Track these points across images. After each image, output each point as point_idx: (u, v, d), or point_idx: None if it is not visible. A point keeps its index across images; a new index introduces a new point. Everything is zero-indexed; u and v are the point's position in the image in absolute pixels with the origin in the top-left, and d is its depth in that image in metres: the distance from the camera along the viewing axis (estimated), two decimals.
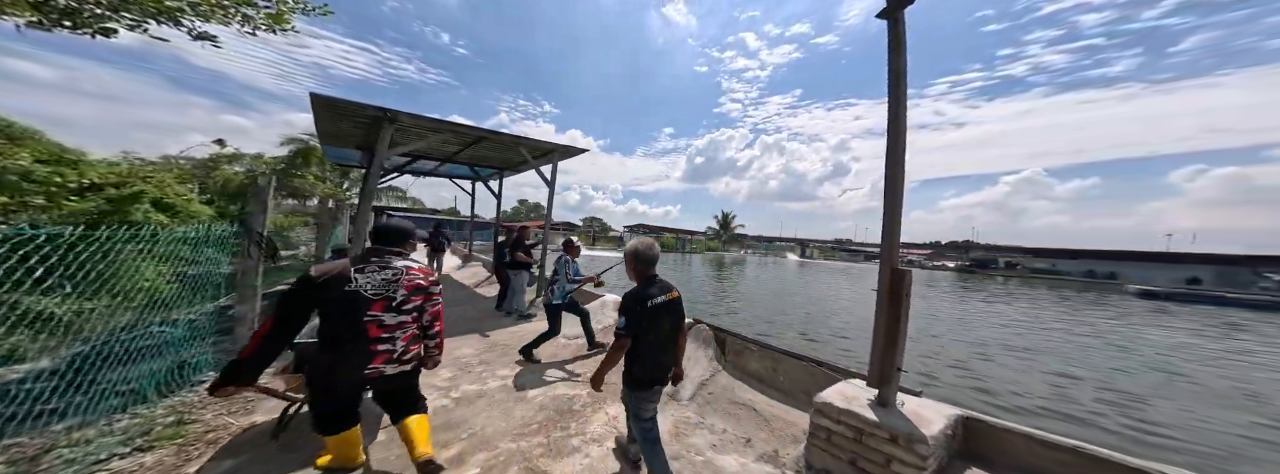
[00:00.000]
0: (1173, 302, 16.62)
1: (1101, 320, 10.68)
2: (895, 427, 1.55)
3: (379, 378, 1.41)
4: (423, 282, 1.51)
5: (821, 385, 2.31)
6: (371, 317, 1.37)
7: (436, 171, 9.00)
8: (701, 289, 13.57)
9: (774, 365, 2.67)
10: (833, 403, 1.74)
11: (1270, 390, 5.19)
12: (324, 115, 4.56)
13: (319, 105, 4.11)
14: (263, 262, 3.07)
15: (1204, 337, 8.78)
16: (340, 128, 5.18)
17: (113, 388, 1.97)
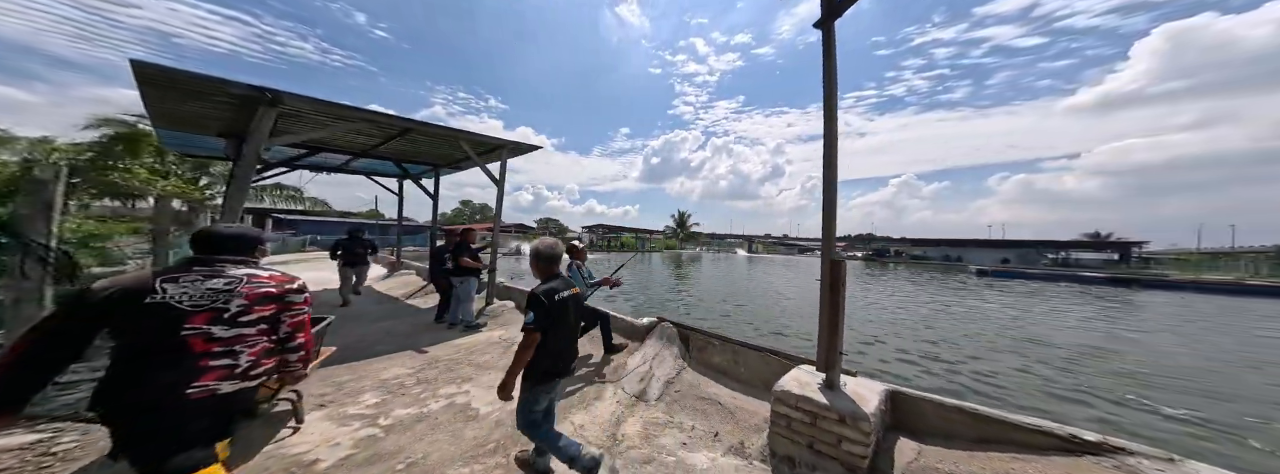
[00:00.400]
0: (994, 277, 22.04)
1: (950, 293, 13.68)
2: (842, 408, 1.68)
3: (211, 397, 1.15)
4: (273, 289, 1.35)
5: (778, 373, 2.40)
6: (193, 329, 1.17)
7: (348, 167, 7.52)
8: (663, 286, 13.79)
9: (734, 358, 2.76)
10: (790, 390, 1.83)
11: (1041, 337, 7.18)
12: (158, 92, 3.42)
13: (147, 78, 3.06)
14: (52, 283, 2.24)
15: (1010, 303, 11.71)
16: (189, 109, 3.98)
17: None
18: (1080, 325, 8.47)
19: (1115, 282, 19.59)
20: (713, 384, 2.66)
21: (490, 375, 2.95)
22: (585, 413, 2.37)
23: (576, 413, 2.36)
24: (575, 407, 2.44)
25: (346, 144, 5.91)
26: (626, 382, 2.76)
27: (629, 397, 2.56)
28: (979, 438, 1.76)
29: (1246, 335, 7.78)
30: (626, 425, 2.22)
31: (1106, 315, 9.88)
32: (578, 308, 1.74)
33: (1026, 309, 10.49)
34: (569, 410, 2.39)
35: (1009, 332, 7.51)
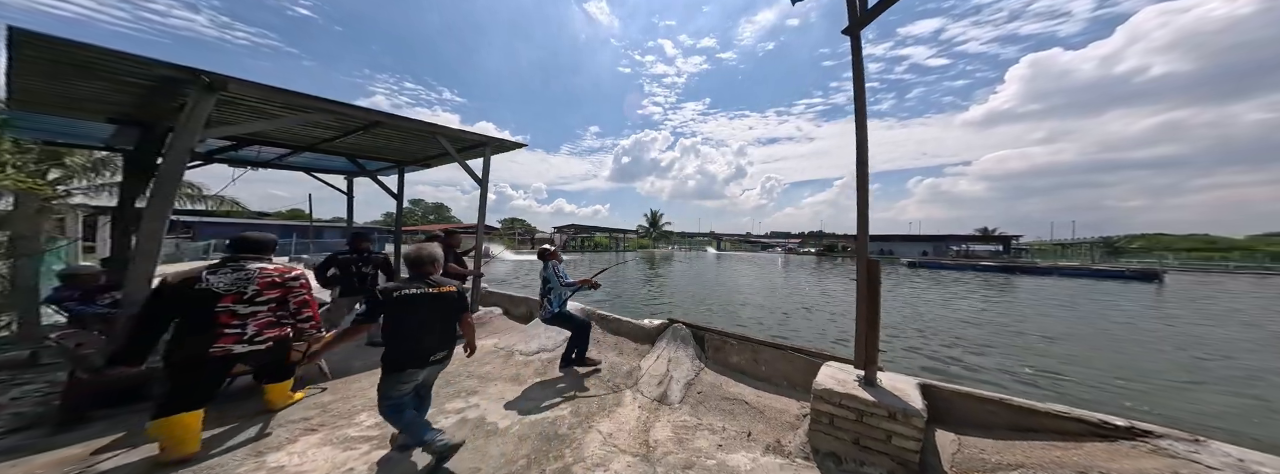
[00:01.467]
0: (921, 268, 25.97)
1: (897, 284, 15.70)
2: (891, 404, 1.70)
3: (226, 356, 1.86)
4: (276, 278, 2.03)
5: (803, 370, 2.55)
6: (223, 307, 1.85)
7: (284, 162, 6.42)
8: (638, 285, 13.91)
9: (754, 357, 2.83)
10: (831, 388, 1.85)
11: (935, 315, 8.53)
12: (41, 67, 2.64)
13: (27, 47, 2.32)
14: None
15: (944, 291, 13.86)
16: (73, 88, 3.12)
17: None
18: (998, 309, 10.03)
19: (1006, 269, 24.04)
20: (734, 383, 2.73)
21: (496, 386, 2.79)
22: (610, 420, 2.34)
23: (601, 421, 2.32)
24: (597, 415, 2.40)
25: (290, 137, 5.07)
26: (644, 386, 2.77)
27: (650, 401, 2.58)
28: (1013, 427, 1.80)
29: (1103, 311, 9.91)
30: (656, 430, 2.23)
31: (1010, 299, 11.92)
32: (440, 304, 1.87)
33: (958, 295, 12.25)
34: (592, 419, 2.34)
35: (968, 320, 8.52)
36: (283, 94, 3.18)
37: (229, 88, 2.78)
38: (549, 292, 3.04)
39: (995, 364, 5.45)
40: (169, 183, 2.63)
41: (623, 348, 3.55)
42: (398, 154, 6.15)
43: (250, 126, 3.28)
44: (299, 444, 2.02)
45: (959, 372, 5.18)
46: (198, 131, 2.70)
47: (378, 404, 1.81)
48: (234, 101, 3.41)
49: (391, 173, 7.20)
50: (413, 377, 1.80)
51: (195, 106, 2.64)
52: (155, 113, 3.63)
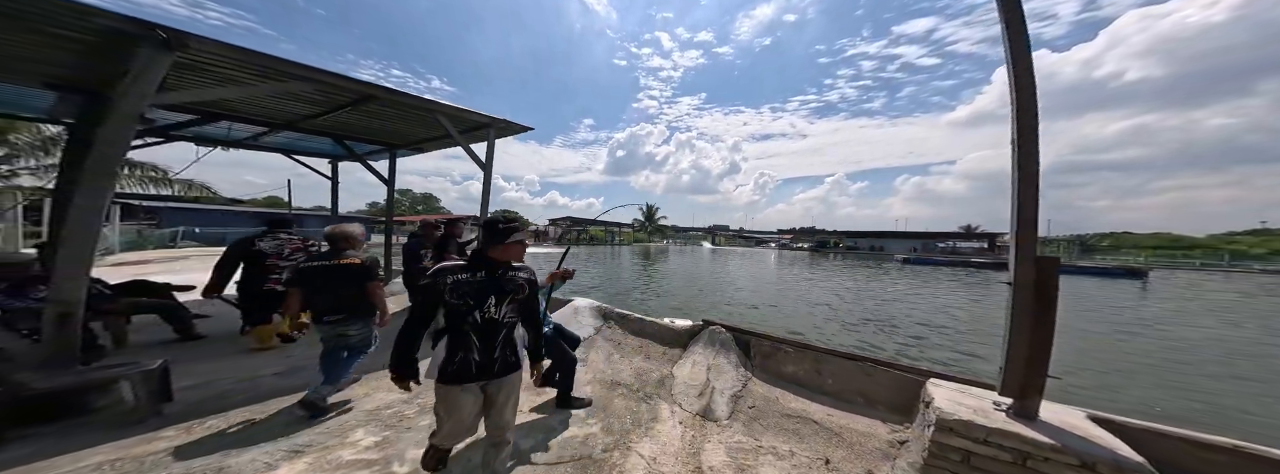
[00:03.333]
0: (915, 264, 26.40)
1: (903, 282, 15.60)
2: (1085, 450, 1.27)
3: (273, 293, 3.00)
4: (300, 245, 3.27)
5: (889, 387, 2.20)
6: (270, 263, 3.06)
7: (259, 142, 5.78)
8: (633, 281, 13.38)
9: (816, 367, 2.51)
10: (970, 420, 1.47)
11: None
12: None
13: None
14: None
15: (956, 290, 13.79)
16: (7, 43, 2.57)
17: None
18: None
19: (998, 266, 24.49)
20: (794, 398, 2.41)
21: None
22: (650, 440, 2.02)
23: (640, 441, 2.00)
24: (634, 433, 2.08)
25: (264, 111, 4.50)
26: (681, 397, 2.46)
27: (691, 416, 2.27)
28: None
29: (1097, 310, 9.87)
30: (708, 454, 1.92)
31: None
32: (337, 274, 2.17)
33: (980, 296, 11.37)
34: (629, 438, 2.02)
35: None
36: (258, 57, 2.69)
37: (190, 47, 2.29)
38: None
39: (1083, 373, 4.60)
40: (109, 156, 2.14)
41: (649, 352, 3.23)
42: (390, 136, 5.63)
43: (213, 94, 2.78)
44: (280, 471, 1.64)
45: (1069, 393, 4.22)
46: (148, 96, 2.21)
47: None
48: (197, 66, 2.89)
49: (381, 157, 6.64)
50: (328, 327, 2.20)
51: (147, 66, 2.15)
52: (101, 78, 3.08)
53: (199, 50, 2.39)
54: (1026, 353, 1.53)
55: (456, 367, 1.35)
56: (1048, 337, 1.49)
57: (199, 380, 2.52)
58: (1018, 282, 1.54)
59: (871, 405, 2.31)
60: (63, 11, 2.10)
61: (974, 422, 1.49)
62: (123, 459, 1.67)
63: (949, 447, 1.51)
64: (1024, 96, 1.56)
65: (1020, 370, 1.55)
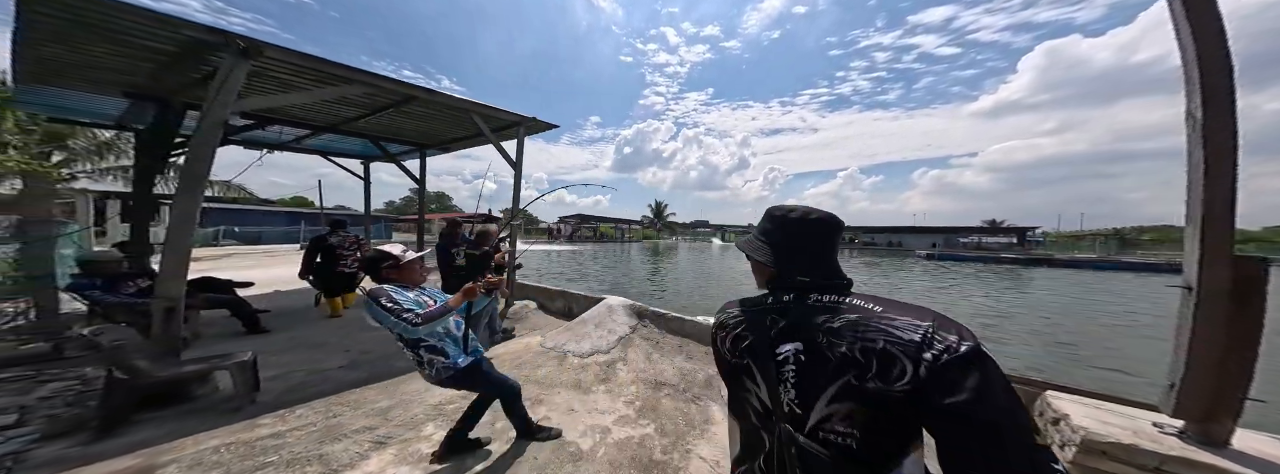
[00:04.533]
0: (938, 260, 25.22)
1: (928, 277, 15.11)
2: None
3: (342, 273, 4.33)
4: (354, 240, 4.55)
5: None
6: (340, 252, 4.29)
7: (302, 144, 6.06)
8: (643, 279, 13.39)
9: None
10: (1133, 444, 1.27)
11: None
12: (54, 28, 2.30)
13: (48, 7, 2.02)
14: None
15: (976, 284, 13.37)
16: (87, 55, 2.76)
17: None
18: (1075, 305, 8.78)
19: (1031, 262, 23.14)
20: None
21: (561, 395, 2.53)
22: (708, 443, 2.03)
23: (697, 443, 2.02)
24: (689, 434, 2.11)
25: (313, 115, 4.72)
26: None
27: None
28: None
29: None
30: None
31: (1078, 295, 10.76)
32: (482, 262, 2.73)
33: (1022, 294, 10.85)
34: (686, 440, 2.05)
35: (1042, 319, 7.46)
36: (318, 62, 2.82)
37: (264, 54, 2.41)
38: (423, 341, 1.52)
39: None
40: (201, 162, 2.30)
41: (690, 351, 3.26)
42: (421, 136, 5.81)
43: (276, 101, 2.92)
44: (372, 462, 1.77)
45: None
46: (230, 104, 2.35)
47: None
48: (264, 73, 3.05)
49: (412, 157, 6.86)
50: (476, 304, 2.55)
51: (229, 75, 2.29)
52: (173, 86, 3.28)
53: (269, 58, 2.53)
54: (1217, 370, 1.32)
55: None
56: (1249, 352, 1.26)
57: (277, 372, 2.71)
58: (1206, 288, 1.30)
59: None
60: (152, 24, 2.25)
61: (1138, 446, 1.29)
62: (234, 443, 1.84)
63: (1100, 472, 1.33)
64: (1208, 49, 1.28)
65: (1205, 390, 1.32)
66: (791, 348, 0.60)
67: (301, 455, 1.77)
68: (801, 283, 0.65)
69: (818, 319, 0.59)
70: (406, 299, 1.47)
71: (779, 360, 0.61)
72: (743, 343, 0.67)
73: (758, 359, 0.63)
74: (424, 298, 1.57)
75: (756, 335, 0.65)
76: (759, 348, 0.63)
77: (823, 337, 0.57)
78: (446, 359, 1.54)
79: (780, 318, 0.63)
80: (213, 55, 2.50)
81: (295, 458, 1.75)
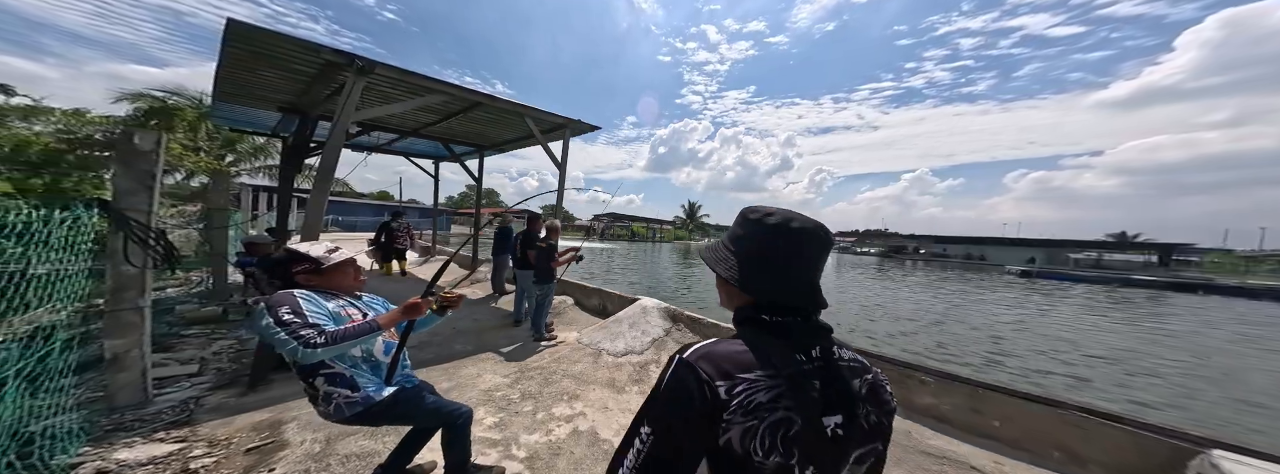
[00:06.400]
0: (1038, 279, 20.93)
1: (1036, 306, 12.35)
2: None
3: (396, 248, 6.77)
4: (408, 225, 7.14)
5: (1116, 448, 1.63)
6: (397, 233, 6.74)
7: (391, 147, 7.11)
8: (671, 280, 13.34)
9: (973, 405, 2.02)
10: None
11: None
12: (242, 56, 3.00)
13: (240, 39, 2.66)
14: (154, 269, 2.02)
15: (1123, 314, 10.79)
16: (260, 78, 3.54)
17: None
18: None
19: (1177, 286, 18.50)
20: (934, 435, 2.06)
21: (595, 392, 2.58)
22: None
23: None
24: None
25: (400, 122, 5.47)
26: None
27: None
28: None
29: None
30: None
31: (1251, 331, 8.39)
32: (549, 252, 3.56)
33: (1175, 327, 8.67)
34: None
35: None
36: (410, 76, 3.25)
37: (376, 71, 2.85)
38: (323, 367, 1.20)
39: None
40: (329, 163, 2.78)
41: None
42: (482, 138, 6.42)
43: (377, 111, 3.43)
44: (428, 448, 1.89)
45: None
46: (351, 115, 2.81)
47: None
48: (371, 87, 3.60)
49: (472, 157, 7.63)
50: (540, 288, 3.69)
51: (351, 90, 2.74)
52: (311, 101, 4.01)
53: (379, 74, 2.97)
54: None
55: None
56: None
57: None
58: None
59: (1079, 465, 1.77)
60: (302, 51, 2.80)
61: None
62: None
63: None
64: None
65: None
66: (834, 422, 0.48)
67: (384, 427, 2.01)
68: (818, 325, 0.53)
69: (855, 384, 0.51)
70: (320, 311, 1.14)
71: (830, 443, 0.47)
72: (787, 430, 0.44)
73: (812, 455, 0.46)
74: (352, 310, 1.24)
75: (805, 417, 0.46)
76: (811, 437, 0.46)
77: (862, 406, 0.50)
78: (352, 393, 1.18)
79: (819, 383, 0.48)
80: (340, 73, 3.00)
81: (378, 428, 1.99)
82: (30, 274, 1.45)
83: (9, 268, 1.41)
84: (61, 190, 3.85)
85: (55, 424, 1.59)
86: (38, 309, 1.49)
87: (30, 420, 1.47)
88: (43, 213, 1.48)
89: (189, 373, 2.63)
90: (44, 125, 6.94)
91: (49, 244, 1.53)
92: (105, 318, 1.96)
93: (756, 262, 0.54)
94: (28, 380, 1.46)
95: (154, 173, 1.94)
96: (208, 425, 2.01)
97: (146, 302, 2.03)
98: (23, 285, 1.40)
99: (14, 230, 1.41)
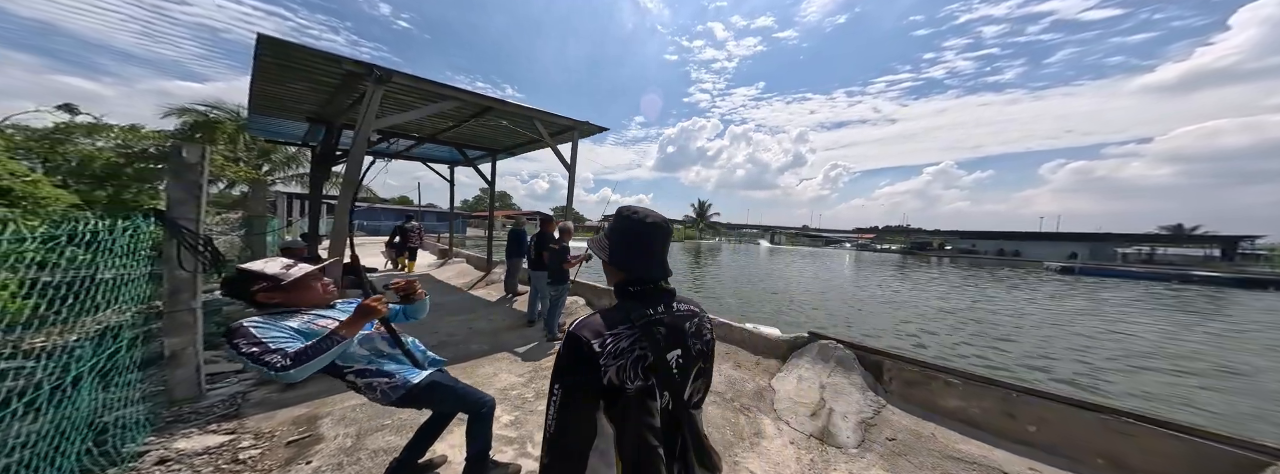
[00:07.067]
0: (1081, 276, 19.27)
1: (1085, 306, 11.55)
2: None
3: (410, 248, 8.18)
4: (419, 226, 8.87)
5: (1165, 457, 1.52)
6: (410, 235, 8.25)
7: (409, 153, 7.40)
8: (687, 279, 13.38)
9: (1006, 408, 1.93)
10: None
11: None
12: (271, 69, 3.22)
13: (269, 52, 2.86)
14: (204, 273, 2.18)
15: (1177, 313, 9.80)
16: (289, 90, 3.77)
17: None
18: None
19: (1242, 282, 16.72)
20: (963, 439, 1.96)
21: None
22: (758, 457, 1.95)
23: (746, 456, 1.95)
24: (737, 446, 2.02)
25: (417, 128, 5.68)
26: (787, 413, 2.31)
27: (804, 437, 2.11)
28: None
29: None
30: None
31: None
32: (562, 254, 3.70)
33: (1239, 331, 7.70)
34: (734, 451, 1.98)
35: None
36: (427, 84, 3.38)
37: (393, 79, 2.98)
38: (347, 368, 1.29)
39: None
40: (354, 170, 2.95)
41: (738, 360, 3.11)
42: (494, 142, 6.59)
43: (395, 119, 3.58)
44: (442, 442, 1.83)
45: None
46: (371, 123, 2.96)
47: None
48: (388, 96, 3.76)
49: (485, 161, 7.86)
50: (553, 289, 3.77)
51: (371, 98, 2.89)
52: (335, 111, 4.24)
53: (395, 82, 3.12)
54: None
55: None
56: None
57: None
58: None
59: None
60: (325, 62, 2.97)
61: None
62: (365, 404, 2.30)
63: None
64: None
65: None
66: (675, 354, 0.73)
67: (407, 423, 2.13)
68: (664, 288, 0.76)
69: (686, 326, 0.76)
70: (277, 334, 1.11)
71: (671, 368, 0.71)
72: (644, 363, 0.68)
73: (661, 374, 0.69)
74: (324, 322, 1.23)
75: (655, 352, 0.69)
76: (661, 365, 0.69)
77: (690, 340, 0.76)
78: (391, 379, 1.28)
79: (662, 328, 0.72)
80: (360, 83, 3.16)
81: (402, 424, 2.12)
82: (98, 279, 1.61)
83: (80, 273, 1.58)
84: (123, 201, 4.21)
85: (125, 415, 1.76)
86: (107, 310, 1.65)
87: (104, 412, 1.64)
88: (107, 222, 1.64)
89: (236, 369, 2.85)
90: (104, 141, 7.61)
91: (113, 251, 1.69)
92: (164, 318, 2.15)
93: (623, 247, 0.75)
94: (100, 375, 1.62)
95: (201, 183, 2.11)
96: (253, 419, 2.18)
97: (198, 303, 2.21)
98: (93, 289, 1.56)
99: (83, 239, 1.57)
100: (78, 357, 1.46)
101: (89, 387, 1.52)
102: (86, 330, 1.63)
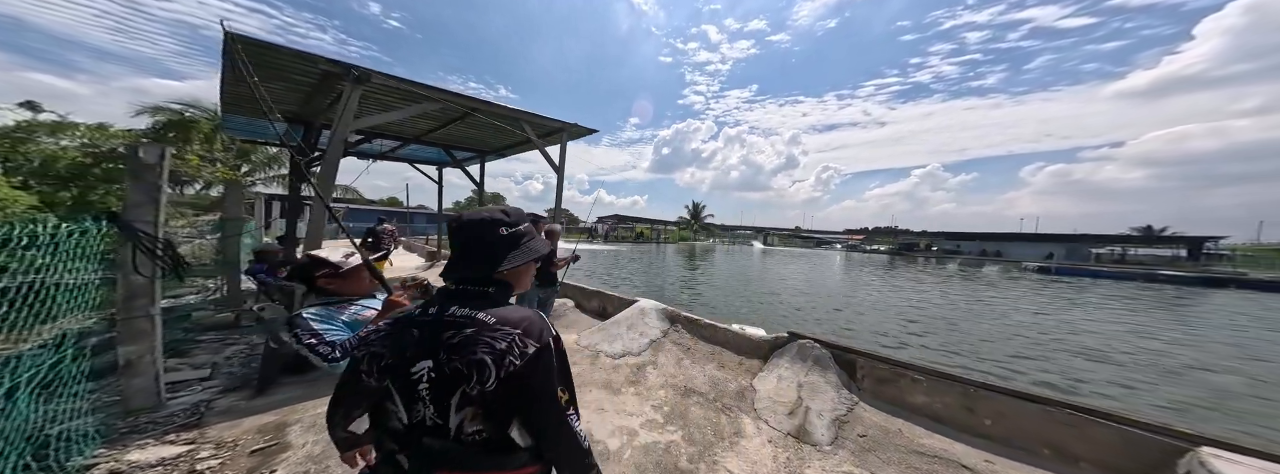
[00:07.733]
0: (1057, 276, 19.90)
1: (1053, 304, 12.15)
2: None
3: (385, 248, 5.56)
4: (395, 227, 8.99)
5: (1104, 446, 1.63)
6: (383, 237, 7.43)
7: (394, 154, 7.27)
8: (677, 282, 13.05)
9: (967, 404, 2.04)
10: None
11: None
12: (243, 69, 3.10)
13: (240, 52, 2.74)
14: (162, 278, 2.09)
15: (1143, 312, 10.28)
16: (267, 90, 3.65)
17: None
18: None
19: (1207, 281, 17.65)
20: (927, 434, 2.07)
21: (592, 393, 2.59)
22: (736, 456, 1.96)
23: (725, 455, 1.95)
24: (717, 446, 2.03)
25: (400, 129, 5.59)
26: (766, 412, 2.34)
27: (782, 435, 2.14)
28: None
29: None
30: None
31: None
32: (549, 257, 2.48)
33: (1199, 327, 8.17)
34: (713, 451, 1.98)
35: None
36: (410, 84, 3.33)
37: (372, 80, 2.93)
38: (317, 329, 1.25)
39: None
40: (330, 170, 2.88)
41: (722, 360, 3.14)
42: (482, 144, 6.53)
43: (377, 119, 3.52)
44: None
45: None
46: (350, 123, 2.91)
47: None
48: (369, 96, 3.69)
49: (474, 163, 7.76)
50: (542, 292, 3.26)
51: (348, 98, 2.83)
52: (314, 110, 4.15)
53: (375, 82, 3.07)
54: None
55: None
56: None
57: None
58: None
59: (1069, 463, 1.78)
60: (299, 61, 2.90)
61: None
62: None
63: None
64: None
65: None
66: (426, 366, 0.64)
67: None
68: (463, 290, 0.70)
69: (445, 334, 0.64)
70: (333, 328, 1.20)
71: (414, 380, 0.64)
72: (381, 362, 0.66)
73: (399, 382, 0.65)
74: (368, 313, 1.34)
75: (393, 353, 0.66)
76: (399, 367, 0.65)
77: (445, 355, 0.63)
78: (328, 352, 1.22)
79: (416, 330, 0.66)
80: (338, 83, 3.10)
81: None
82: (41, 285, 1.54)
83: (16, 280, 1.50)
84: (89, 203, 4.03)
85: (72, 428, 1.68)
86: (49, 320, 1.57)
87: (47, 424, 1.56)
88: (50, 226, 1.57)
89: (201, 377, 2.74)
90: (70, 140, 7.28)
91: (58, 256, 1.62)
92: (118, 325, 2.06)
93: (454, 249, 0.74)
94: (41, 386, 1.54)
95: (159, 185, 2.04)
96: (216, 428, 2.10)
97: (157, 309, 2.13)
98: (31, 296, 1.48)
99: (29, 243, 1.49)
100: (12, 368, 1.39)
101: (26, 398, 1.45)
102: (22, 339, 1.55)
